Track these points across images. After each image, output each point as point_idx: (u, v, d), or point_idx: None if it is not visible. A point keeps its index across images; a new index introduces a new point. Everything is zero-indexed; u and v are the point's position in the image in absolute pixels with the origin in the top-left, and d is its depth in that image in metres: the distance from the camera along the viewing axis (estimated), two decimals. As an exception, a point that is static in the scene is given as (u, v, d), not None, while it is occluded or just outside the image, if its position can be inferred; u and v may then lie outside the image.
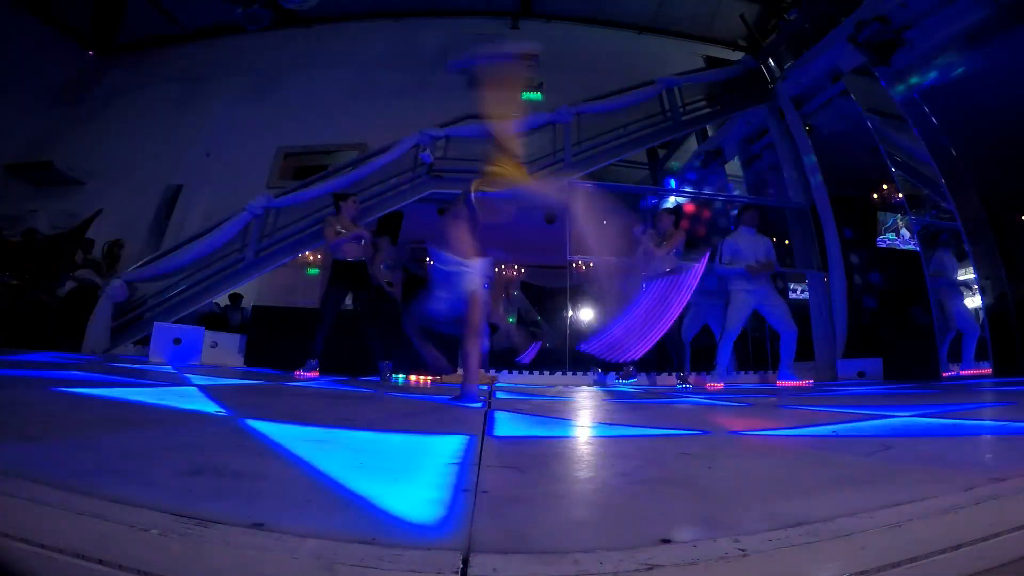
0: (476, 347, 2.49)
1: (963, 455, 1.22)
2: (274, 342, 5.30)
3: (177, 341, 4.91)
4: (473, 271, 2.50)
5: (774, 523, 0.63)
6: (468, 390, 2.39)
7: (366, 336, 4.46)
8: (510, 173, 2.52)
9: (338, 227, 4.45)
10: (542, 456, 1.20)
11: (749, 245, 4.77)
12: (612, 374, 4.99)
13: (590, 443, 1.47)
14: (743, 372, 5.83)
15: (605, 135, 6.71)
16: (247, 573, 0.52)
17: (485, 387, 3.94)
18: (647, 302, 3.26)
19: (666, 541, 0.57)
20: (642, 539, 0.58)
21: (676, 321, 4.81)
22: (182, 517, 0.58)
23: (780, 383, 4.72)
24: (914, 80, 5.36)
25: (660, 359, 5.20)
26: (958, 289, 5.53)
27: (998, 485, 0.78)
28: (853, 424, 1.76)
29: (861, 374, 5.29)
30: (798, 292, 7.03)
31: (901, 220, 5.97)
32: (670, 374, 4.96)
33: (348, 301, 4.68)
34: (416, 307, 2.65)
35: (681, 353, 4.86)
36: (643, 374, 5.34)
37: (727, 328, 4.74)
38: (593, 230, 2.52)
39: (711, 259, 4.94)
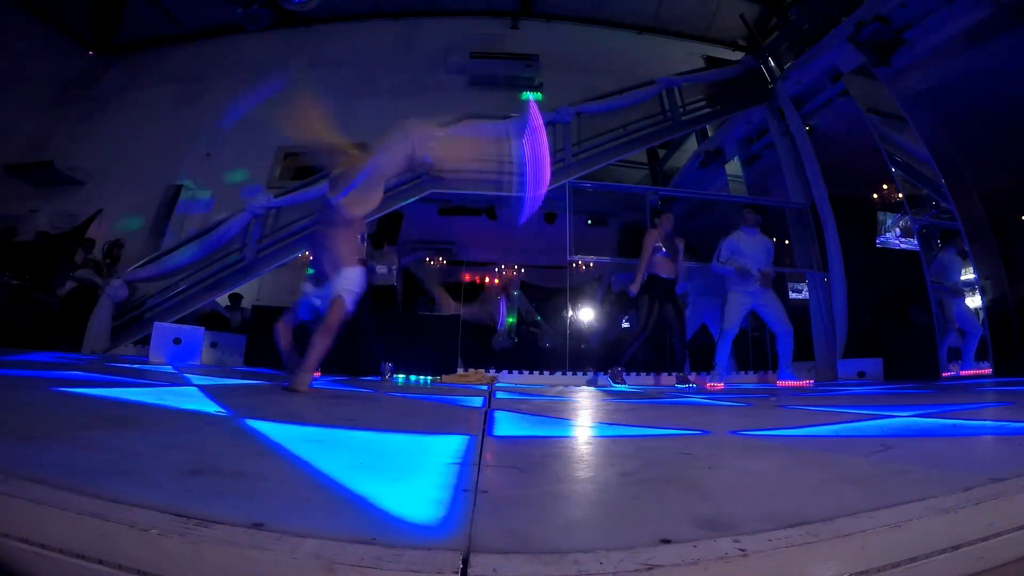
0: (323, 345, 2.62)
1: (963, 455, 1.22)
2: (274, 342, 5.28)
3: (177, 341, 4.91)
4: (346, 277, 2.66)
5: (774, 523, 0.63)
6: (296, 380, 2.49)
7: (367, 337, 4.46)
8: (352, 162, 2.72)
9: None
10: (542, 456, 1.19)
11: (750, 245, 4.77)
12: (602, 374, 5.01)
13: (590, 443, 1.47)
14: (743, 372, 5.84)
15: (605, 135, 6.70)
16: (247, 573, 0.52)
17: (485, 387, 3.94)
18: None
19: (666, 541, 0.57)
20: (642, 539, 0.58)
21: (680, 322, 4.82)
22: (182, 517, 0.58)
23: (780, 383, 4.73)
24: (914, 80, 5.36)
25: (661, 359, 5.22)
26: (960, 291, 5.53)
27: (998, 485, 0.78)
28: (853, 424, 1.76)
29: (861, 374, 5.29)
30: (799, 292, 7.03)
31: (900, 223, 5.97)
32: (670, 374, 4.97)
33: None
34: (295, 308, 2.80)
35: (684, 352, 4.87)
36: (645, 374, 5.35)
37: (724, 328, 4.76)
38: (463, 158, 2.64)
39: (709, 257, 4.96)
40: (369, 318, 4.52)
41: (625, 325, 6.71)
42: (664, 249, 4.81)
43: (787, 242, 6.47)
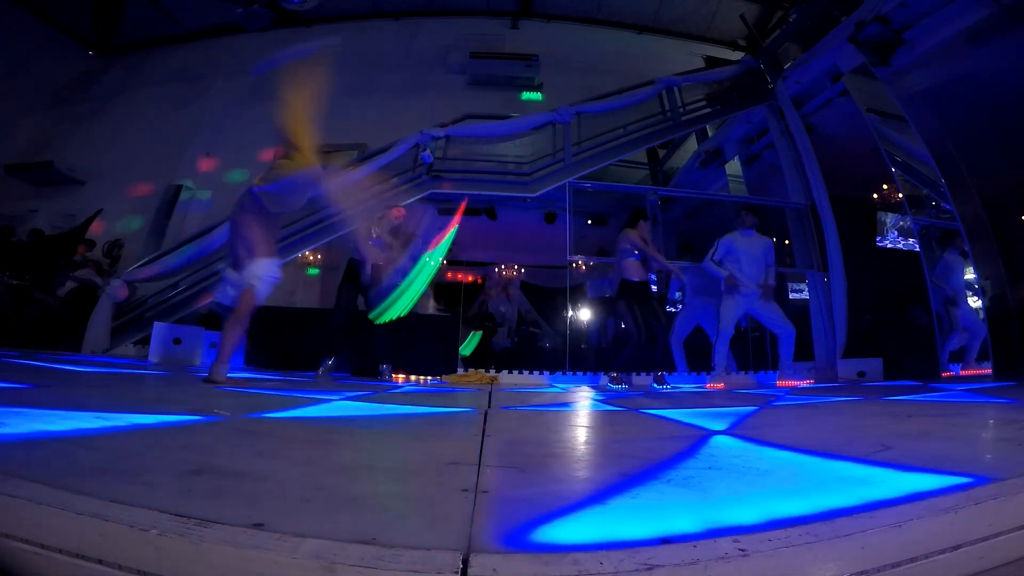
0: (234, 335, 2.76)
1: (963, 455, 1.22)
2: (274, 342, 5.30)
3: (177, 341, 4.90)
4: (258, 266, 2.76)
5: (774, 523, 0.63)
6: (214, 372, 2.60)
7: (375, 337, 4.45)
8: (293, 165, 2.79)
9: (375, 230, 4.50)
10: (542, 456, 1.20)
11: (746, 247, 4.76)
12: (603, 375, 4.98)
13: (590, 443, 1.47)
14: (743, 372, 5.83)
15: (605, 135, 6.70)
16: (247, 573, 0.52)
17: (486, 387, 3.95)
18: None
19: (666, 541, 0.57)
20: (642, 539, 0.58)
21: (647, 325, 4.73)
22: (182, 517, 0.58)
23: (780, 383, 4.72)
24: (914, 80, 5.36)
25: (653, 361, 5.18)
26: (963, 292, 5.54)
27: (998, 485, 0.78)
28: (853, 423, 1.76)
29: (861, 374, 5.29)
30: (800, 292, 7.03)
31: (900, 223, 5.97)
32: (648, 374, 4.92)
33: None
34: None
35: (643, 355, 4.75)
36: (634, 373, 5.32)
37: (721, 329, 4.74)
38: (354, 203, 3.01)
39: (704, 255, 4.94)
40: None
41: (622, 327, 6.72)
42: (636, 252, 4.69)
43: (787, 242, 6.48)
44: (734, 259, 4.74)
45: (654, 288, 4.88)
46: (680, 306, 6.14)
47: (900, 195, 5.86)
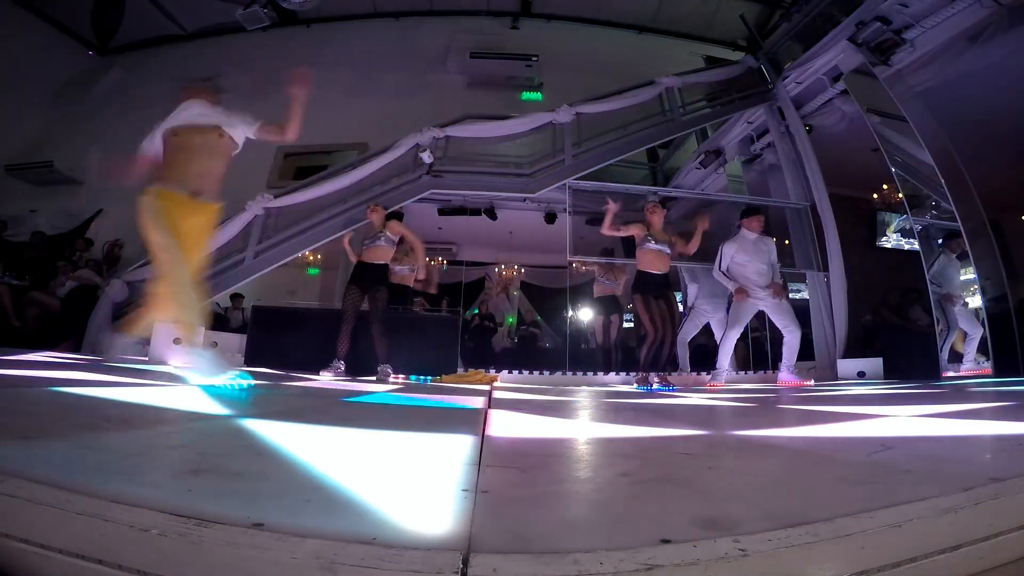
0: None
1: (963, 455, 1.22)
2: (274, 342, 5.30)
3: (177, 341, 4.90)
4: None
5: (774, 523, 0.63)
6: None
7: (375, 335, 4.47)
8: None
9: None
10: (542, 456, 1.20)
11: (751, 251, 4.73)
12: (620, 373, 4.95)
13: (590, 443, 1.47)
14: (743, 372, 5.84)
15: (605, 135, 6.70)
16: (247, 573, 0.52)
17: (486, 387, 3.95)
18: None
19: (666, 541, 0.57)
20: (642, 539, 0.58)
21: (673, 319, 4.76)
22: (182, 517, 0.58)
23: (780, 383, 4.72)
24: (914, 80, 5.36)
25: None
26: (960, 293, 5.54)
27: (998, 485, 0.78)
28: (853, 424, 1.76)
29: (861, 374, 5.29)
30: (800, 292, 7.03)
31: (899, 222, 5.97)
32: (655, 373, 4.90)
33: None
34: None
35: (662, 354, 4.74)
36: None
37: (729, 328, 4.73)
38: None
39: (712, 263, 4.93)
40: (381, 317, 4.54)
41: (627, 325, 6.71)
42: (654, 243, 4.69)
43: (787, 242, 6.48)
44: (740, 264, 4.72)
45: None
46: (690, 308, 6.14)
47: (900, 195, 5.86)
